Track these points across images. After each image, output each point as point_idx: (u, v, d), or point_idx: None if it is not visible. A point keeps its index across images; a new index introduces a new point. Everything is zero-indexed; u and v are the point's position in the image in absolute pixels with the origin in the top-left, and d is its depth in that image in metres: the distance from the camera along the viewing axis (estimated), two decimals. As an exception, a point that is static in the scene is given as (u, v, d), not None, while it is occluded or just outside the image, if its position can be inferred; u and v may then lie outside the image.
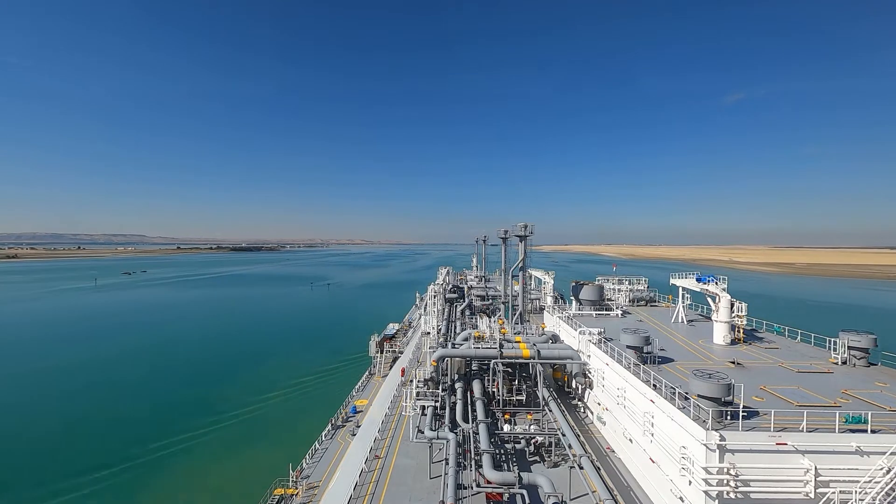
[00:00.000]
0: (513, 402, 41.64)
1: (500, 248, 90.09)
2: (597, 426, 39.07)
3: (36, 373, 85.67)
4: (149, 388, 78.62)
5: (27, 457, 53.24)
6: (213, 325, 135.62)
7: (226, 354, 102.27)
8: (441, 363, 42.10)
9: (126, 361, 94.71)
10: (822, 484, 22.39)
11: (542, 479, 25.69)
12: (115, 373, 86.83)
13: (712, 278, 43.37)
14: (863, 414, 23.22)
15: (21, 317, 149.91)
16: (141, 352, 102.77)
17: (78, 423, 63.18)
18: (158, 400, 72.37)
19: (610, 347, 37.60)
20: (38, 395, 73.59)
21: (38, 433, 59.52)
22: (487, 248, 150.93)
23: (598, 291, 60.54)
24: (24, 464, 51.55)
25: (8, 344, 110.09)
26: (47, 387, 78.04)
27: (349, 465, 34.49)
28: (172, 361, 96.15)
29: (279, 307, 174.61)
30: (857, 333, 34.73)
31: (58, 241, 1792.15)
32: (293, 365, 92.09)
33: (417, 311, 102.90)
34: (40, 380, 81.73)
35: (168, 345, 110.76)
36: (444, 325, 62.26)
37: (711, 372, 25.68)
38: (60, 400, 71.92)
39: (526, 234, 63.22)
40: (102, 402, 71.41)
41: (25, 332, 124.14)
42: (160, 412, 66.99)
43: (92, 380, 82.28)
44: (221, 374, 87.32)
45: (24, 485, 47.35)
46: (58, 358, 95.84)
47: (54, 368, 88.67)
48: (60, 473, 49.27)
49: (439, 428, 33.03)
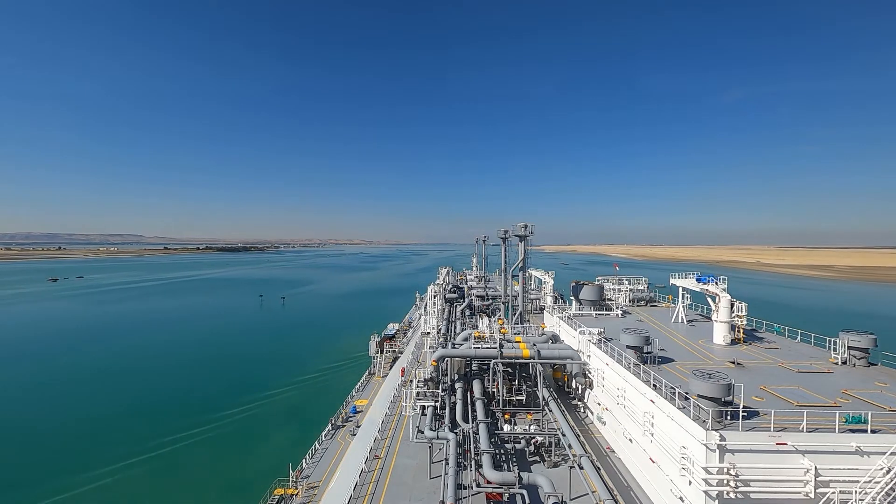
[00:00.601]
0: (513, 402, 41.64)
1: (500, 247, 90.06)
2: (597, 426, 39.06)
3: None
4: (149, 388, 78.70)
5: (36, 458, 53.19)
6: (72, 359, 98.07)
7: (226, 354, 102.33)
8: (441, 363, 42.10)
9: (129, 360, 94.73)
10: (822, 484, 22.38)
11: (542, 479, 25.69)
12: (115, 373, 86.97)
13: (712, 278, 43.38)
14: (863, 414, 23.21)
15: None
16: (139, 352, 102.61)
17: (76, 423, 63.27)
18: (158, 400, 72.44)
19: (610, 347, 37.61)
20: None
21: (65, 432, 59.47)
22: (487, 248, 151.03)
23: (598, 291, 60.57)
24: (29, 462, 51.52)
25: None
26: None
27: (349, 465, 34.49)
28: (170, 361, 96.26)
29: (189, 332, 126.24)
30: (857, 333, 34.73)
31: (52, 240, 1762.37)
32: (293, 365, 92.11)
33: (417, 311, 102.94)
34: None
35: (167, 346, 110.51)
36: (444, 325, 62.26)
37: (711, 372, 25.66)
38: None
39: (526, 234, 63.22)
40: (101, 402, 71.49)
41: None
42: (160, 413, 67.04)
43: (95, 382, 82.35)
44: (221, 374, 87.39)
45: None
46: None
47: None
48: (60, 472, 49.33)
49: (439, 428, 33.02)
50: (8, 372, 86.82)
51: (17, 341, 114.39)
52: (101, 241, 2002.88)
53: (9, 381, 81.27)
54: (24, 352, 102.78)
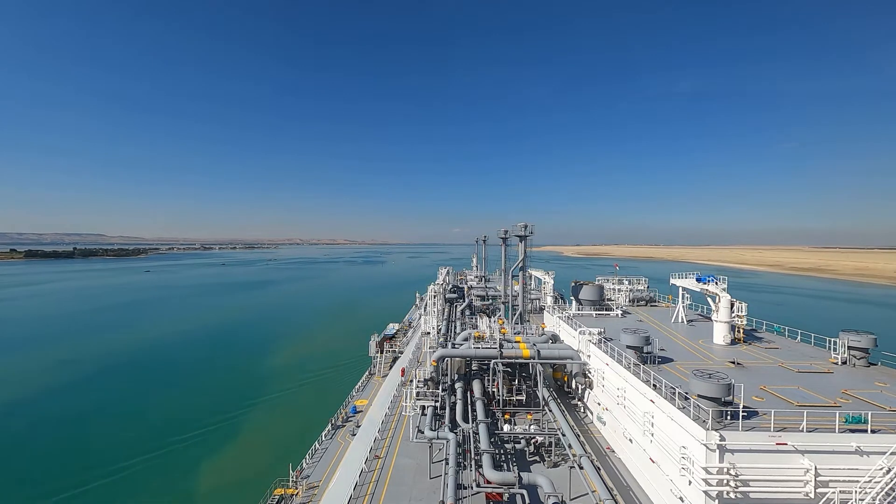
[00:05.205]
0: (513, 402, 41.65)
1: (505, 247, 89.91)
2: (597, 426, 39.05)
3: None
4: (149, 388, 78.65)
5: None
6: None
7: (225, 354, 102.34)
8: (441, 363, 42.13)
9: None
10: (822, 484, 22.37)
11: (542, 479, 25.70)
12: (113, 372, 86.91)
13: (712, 278, 43.39)
14: (863, 414, 23.21)
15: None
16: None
17: (76, 422, 63.25)
18: (158, 400, 72.43)
19: (610, 347, 37.60)
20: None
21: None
22: (487, 248, 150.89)
23: (597, 291, 60.59)
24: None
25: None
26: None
27: (349, 465, 34.49)
28: (170, 361, 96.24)
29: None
30: (857, 333, 34.72)
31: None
32: (293, 365, 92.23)
33: (417, 311, 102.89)
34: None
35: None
36: (444, 325, 62.28)
37: (711, 372, 25.66)
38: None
39: (526, 234, 63.21)
40: (100, 402, 71.48)
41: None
42: (160, 413, 67.04)
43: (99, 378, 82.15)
44: (221, 374, 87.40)
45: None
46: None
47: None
48: (60, 473, 49.35)
49: (439, 428, 33.05)
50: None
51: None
52: (55, 240, 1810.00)
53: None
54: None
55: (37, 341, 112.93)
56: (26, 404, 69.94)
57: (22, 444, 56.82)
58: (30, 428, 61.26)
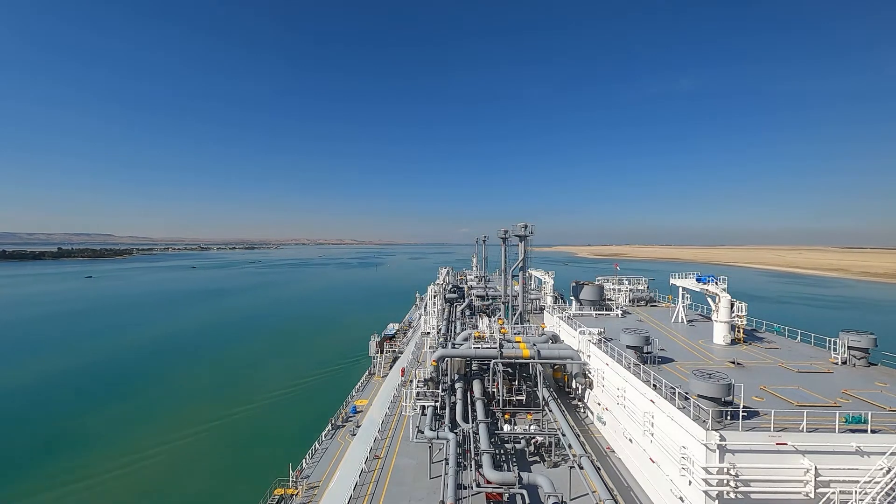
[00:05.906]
0: (513, 402, 41.62)
1: (507, 247, 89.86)
2: (597, 426, 39.05)
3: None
4: (148, 388, 78.66)
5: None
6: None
7: (225, 354, 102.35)
8: (441, 363, 42.11)
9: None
10: (822, 484, 22.37)
11: (542, 479, 25.68)
12: (114, 373, 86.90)
13: (712, 278, 43.41)
14: (863, 414, 23.21)
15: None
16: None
17: (75, 423, 63.24)
18: (158, 401, 72.43)
19: (610, 347, 37.60)
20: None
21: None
22: (487, 248, 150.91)
23: (597, 291, 60.57)
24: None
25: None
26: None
27: (349, 465, 34.51)
28: (170, 361, 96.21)
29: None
30: (857, 333, 34.73)
31: (6, 241, 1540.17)
32: (293, 365, 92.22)
33: (417, 311, 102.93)
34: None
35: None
36: (444, 325, 62.26)
37: (711, 372, 25.67)
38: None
39: (526, 234, 63.19)
40: (98, 402, 71.47)
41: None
42: (160, 413, 67.04)
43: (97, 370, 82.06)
44: (220, 374, 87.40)
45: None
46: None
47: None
48: (59, 470, 49.33)
49: (439, 428, 33.03)
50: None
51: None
52: (62, 240, 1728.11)
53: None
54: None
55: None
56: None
57: (22, 443, 56.85)
58: (30, 429, 61.28)
